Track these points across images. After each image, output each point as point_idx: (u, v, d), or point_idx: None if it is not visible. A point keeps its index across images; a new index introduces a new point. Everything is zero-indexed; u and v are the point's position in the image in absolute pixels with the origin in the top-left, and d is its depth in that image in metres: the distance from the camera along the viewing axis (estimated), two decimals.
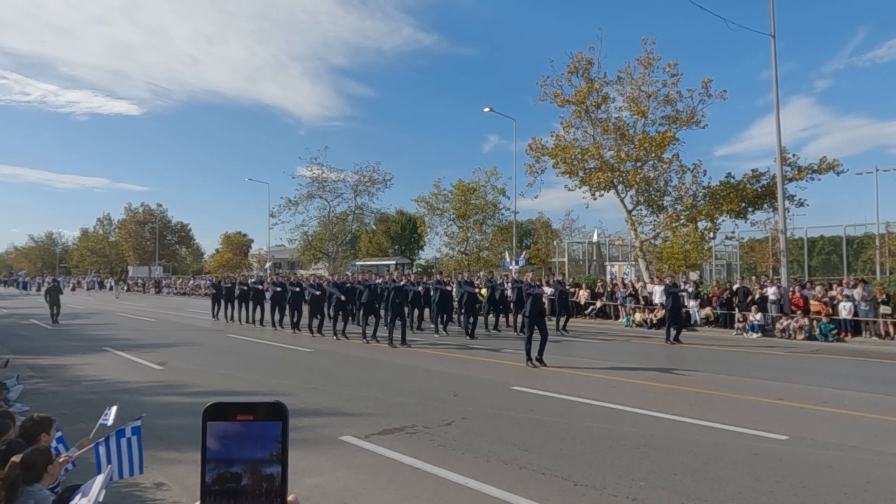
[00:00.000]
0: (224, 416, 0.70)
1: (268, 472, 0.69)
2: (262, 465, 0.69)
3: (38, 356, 12.98)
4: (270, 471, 0.69)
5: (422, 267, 49.61)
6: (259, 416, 0.70)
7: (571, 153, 24.98)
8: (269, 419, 0.70)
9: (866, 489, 4.93)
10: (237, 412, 0.70)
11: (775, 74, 19.32)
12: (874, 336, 15.96)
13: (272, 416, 0.70)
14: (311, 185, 48.52)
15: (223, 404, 0.71)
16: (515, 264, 27.49)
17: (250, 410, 0.70)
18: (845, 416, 7.46)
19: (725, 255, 32.37)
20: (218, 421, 0.70)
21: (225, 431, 0.70)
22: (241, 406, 0.71)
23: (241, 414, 0.70)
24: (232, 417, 0.70)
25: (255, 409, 0.71)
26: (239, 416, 0.70)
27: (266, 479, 0.69)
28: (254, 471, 0.69)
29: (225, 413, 0.70)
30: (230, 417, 0.70)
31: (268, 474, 0.69)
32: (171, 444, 6.29)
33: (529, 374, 10.53)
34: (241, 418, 0.70)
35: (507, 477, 5.23)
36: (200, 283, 51.37)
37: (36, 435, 4.36)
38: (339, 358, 12.90)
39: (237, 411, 0.70)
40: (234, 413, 0.70)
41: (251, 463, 0.69)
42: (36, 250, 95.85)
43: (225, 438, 0.69)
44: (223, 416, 0.70)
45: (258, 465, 0.69)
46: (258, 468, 0.69)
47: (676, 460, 5.66)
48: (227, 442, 0.69)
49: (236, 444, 0.69)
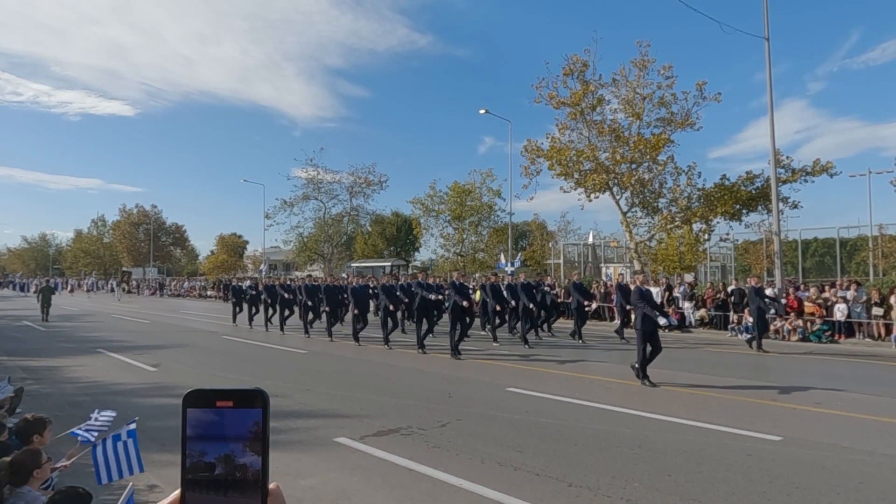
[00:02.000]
0: (204, 404, 0.70)
1: (248, 460, 0.69)
2: (242, 452, 0.69)
3: (30, 358, 12.90)
4: (251, 458, 0.69)
5: (417, 268, 49.54)
6: (238, 403, 0.70)
7: (567, 155, 25.03)
8: (248, 406, 0.70)
9: (859, 489, 4.95)
10: (217, 399, 0.70)
11: (769, 77, 19.43)
12: (867, 337, 16.04)
13: (252, 404, 0.70)
14: (307, 186, 48.47)
15: (203, 391, 0.70)
16: (511, 266, 27.50)
17: (230, 397, 0.70)
18: (838, 417, 7.49)
19: (720, 257, 32.50)
20: (198, 408, 0.70)
21: (205, 418, 0.69)
22: (221, 393, 0.70)
23: (220, 400, 0.70)
24: (212, 404, 0.70)
25: (235, 396, 0.70)
26: (218, 403, 0.70)
27: (247, 466, 0.69)
28: (233, 458, 0.69)
29: (205, 400, 0.70)
30: (210, 404, 0.70)
31: (248, 462, 0.69)
32: (165, 445, 6.26)
33: (524, 375, 10.53)
34: (221, 405, 0.70)
35: (501, 478, 5.23)
36: (195, 285, 51.24)
37: (29, 436, 4.34)
38: (333, 359, 12.87)
39: (217, 398, 0.70)
40: (214, 400, 0.70)
41: (231, 450, 0.69)
42: (29, 251, 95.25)
43: (205, 425, 0.69)
44: (203, 404, 0.70)
45: (238, 452, 0.69)
46: (238, 455, 0.69)
47: (670, 461, 5.67)
48: (206, 429, 0.69)
49: (216, 431, 0.69)
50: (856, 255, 31.52)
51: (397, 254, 51.44)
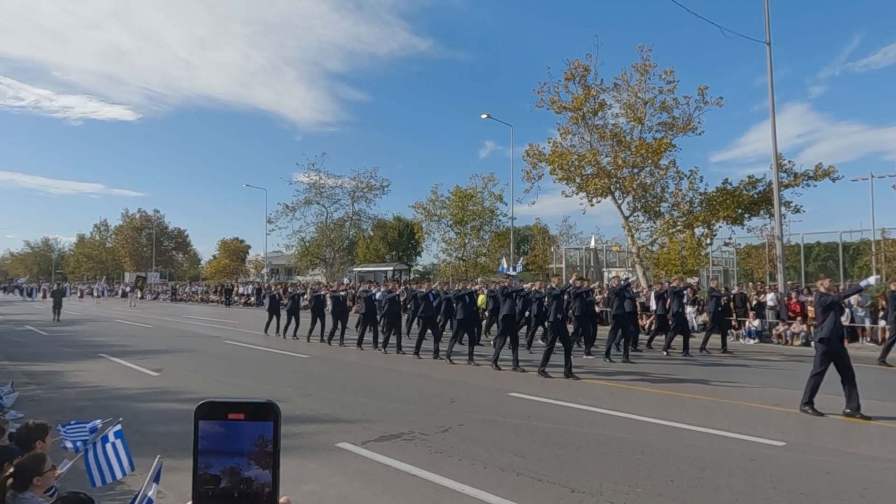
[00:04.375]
0: (216, 416, 0.70)
1: (254, 473, 0.69)
2: (248, 466, 0.69)
3: (33, 362, 12.90)
4: (262, 471, 0.69)
5: (419, 273, 49.55)
6: (250, 415, 0.70)
7: (568, 159, 25.06)
8: (259, 419, 0.70)
9: (863, 495, 4.93)
10: (228, 411, 0.70)
11: (771, 82, 19.44)
12: (870, 342, 15.98)
13: (263, 417, 0.70)
14: (309, 190, 48.65)
15: (215, 403, 0.71)
16: (513, 270, 27.49)
17: (241, 409, 0.70)
18: (842, 422, 7.46)
19: (722, 262, 32.42)
20: (210, 420, 0.70)
21: (217, 431, 0.70)
22: (233, 405, 0.71)
23: (232, 413, 0.70)
24: (223, 417, 0.70)
25: (246, 408, 0.71)
26: (230, 416, 0.70)
27: (252, 479, 0.69)
28: (239, 471, 0.69)
29: (217, 412, 0.70)
30: (222, 416, 0.70)
31: (254, 475, 0.69)
32: (167, 451, 6.25)
33: (526, 380, 10.51)
34: (233, 417, 0.70)
35: (504, 483, 5.22)
36: (197, 290, 51.31)
37: (31, 441, 4.33)
38: (335, 364, 12.86)
39: (228, 410, 0.70)
40: (226, 412, 0.70)
41: (236, 462, 0.69)
42: (32, 256, 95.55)
43: (217, 438, 0.69)
44: (215, 416, 0.70)
45: (243, 465, 0.69)
46: (243, 468, 0.69)
47: (673, 466, 5.65)
48: (218, 441, 0.69)
49: (228, 443, 0.69)
50: (858, 259, 31.46)
51: (399, 258, 51.44)
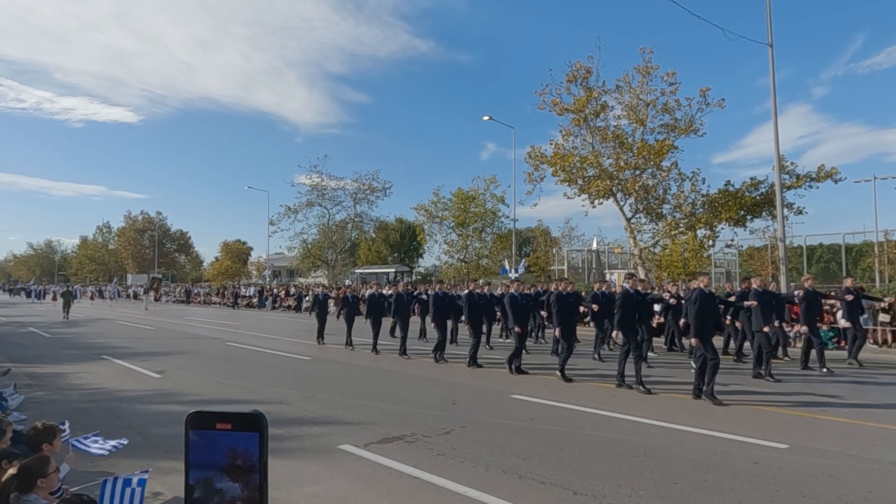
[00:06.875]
0: (205, 425, 0.71)
1: (230, 486, 0.69)
2: (225, 478, 0.69)
3: (35, 364, 12.93)
4: (232, 484, 0.69)
5: (421, 275, 49.54)
6: (237, 426, 0.71)
7: (570, 161, 25.07)
8: (246, 430, 0.71)
9: (866, 498, 4.91)
10: (216, 421, 0.71)
11: (773, 83, 19.41)
12: (873, 344, 15.93)
13: (249, 427, 0.71)
14: (311, 192, 48.72)
15: (203, 413, 0.71)
16: (515, 272, 27.49)
17: (228, 420, 0.71)
18: (845, 425, 7.44)
19: (725, 263, 32.38)
20: (199, 429, 0.71)
21: (205, 440, 0.70)
22: (220, 415, 0.71)
23: (219, 423, 0.71)
24: (211, 426, 0.71)
25: (233, 418, 0.71)
26: (218, 425, 0.71)
27: (228, 492, 0.69)
28: (217, 482, 0.69)
29: (205, 421, 0.71)
30: (210, 426, 0.71)
31: (230, 487, 0.69)
32: (169, 452, 6.26)
33: (528, 382, 10.50)
34: (220, 427, 0.71)
35: (506, 486, 5.21)
36: (199, 292, 51.37)
37: (38, 444, 4.35)
38: (337, 366, 12.86)
39: (216, 420, 0.71)
40: (214, 422, 0.71)
41: (216, 474, 0.69)
42: (35, 258, 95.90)
43: (206, 447, 0.70)
44: (204, 425, 0.71)
45: (221, 477, 0.69)
46: (221, 480, 0.69)
47: (676, 469, 5.64)
48: (207, 450, 0.70)
49: (204, 455, 0.70)
50: (861, 261, 31.38)
51: (401, 260, 51.44)
